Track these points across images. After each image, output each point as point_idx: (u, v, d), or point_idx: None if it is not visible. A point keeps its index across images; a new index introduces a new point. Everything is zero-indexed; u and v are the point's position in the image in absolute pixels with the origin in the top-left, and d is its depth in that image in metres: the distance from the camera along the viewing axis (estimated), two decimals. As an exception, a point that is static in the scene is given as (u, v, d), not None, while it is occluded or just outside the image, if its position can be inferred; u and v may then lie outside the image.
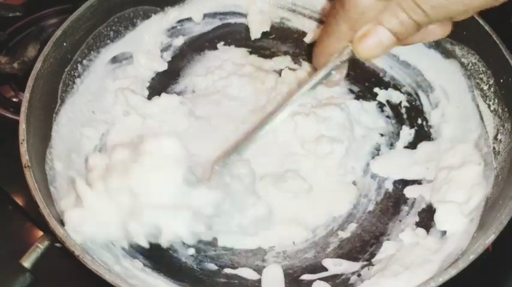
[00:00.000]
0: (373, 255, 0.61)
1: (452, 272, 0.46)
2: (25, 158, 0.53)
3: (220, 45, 0.82)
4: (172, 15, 0.80)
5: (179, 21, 0.81)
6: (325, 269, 0.60)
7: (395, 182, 0.68)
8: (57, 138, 0.63)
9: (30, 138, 0.56)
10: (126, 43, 0.76)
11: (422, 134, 0.71)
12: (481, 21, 0.64)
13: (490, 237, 0.48)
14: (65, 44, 0.66)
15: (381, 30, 0.44)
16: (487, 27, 0.63)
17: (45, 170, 0.58)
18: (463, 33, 0.67)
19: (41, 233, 0.64)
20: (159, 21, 0.79)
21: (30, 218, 0.67)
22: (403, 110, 0.75)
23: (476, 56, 0.66)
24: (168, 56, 0.80)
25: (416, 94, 0.74)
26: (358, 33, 0.45)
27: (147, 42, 0.78)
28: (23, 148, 0.54)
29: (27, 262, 0.48)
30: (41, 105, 0.61)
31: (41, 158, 0.58)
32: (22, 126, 0.55)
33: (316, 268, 0.60)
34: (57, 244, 0.50)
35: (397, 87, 0.76)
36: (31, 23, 0.86)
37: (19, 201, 0.69)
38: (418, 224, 0.62)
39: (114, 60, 0.75)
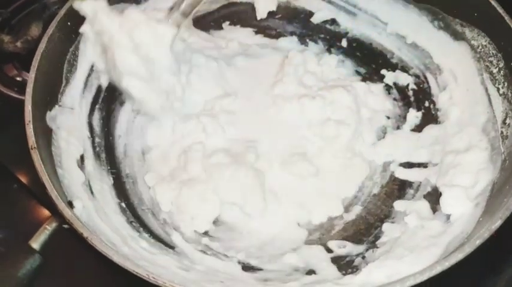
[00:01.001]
0: (377, 238, 0.61)
1: (459, 256, 0.46)
2: (31, 139, 0.53)
3: (225, 25, 0.81)
4: (177, -7, 0.78)
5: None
6: (330, 251, 0.60)
7: (401, 165, 0.67)
8: (63, 119, 0.62)
9: (36, 120, 0.56)
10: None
11: (430, 117, 0.71)
12: (492, 2, 0.62)
13: (497, 222, 0.48)
14: (69, 23, 0.65)
15: None
16: (499, 9, 0.62)
17: (52, 151, 0.58)
18: (474, 15, 0.66)
19: (47, 212, 0.65)
20: (163, -1, 0.78)
21: (36, 197, 0.67)
22: (411, 93, 0.74)
23: (487, 38, 0.64)
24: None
25: (424, 76, 0.74)
26: None
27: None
28: (30, 129, 0.54)
29: (36, 243, 0.49)
30: (46, 85, 0.60)
31: (47, 139, 0.58)
32: (28, 108, 0.55)
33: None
34: (65, 226, 0.50)
35: (404, 69, 0.75)
36: (34, 1, 0.85)
37: (24, 180, 0.69)
38: (423, 208, 0.62)
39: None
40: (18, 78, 0.79)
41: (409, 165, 0.67)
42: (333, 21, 0.80)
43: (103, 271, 0.60)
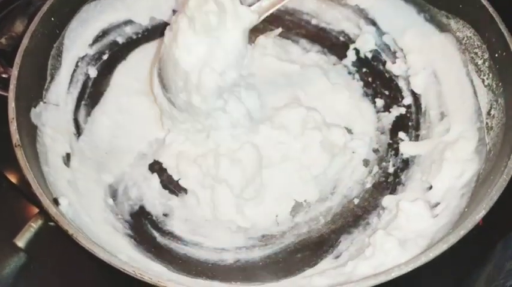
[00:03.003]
0: (365, 229, 0.62)
1: (444, 246, 0.47)
2: (15, 137, 0.53)
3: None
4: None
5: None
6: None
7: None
8: (48, 116, 0.62)
9: (21, 117, 0.55)
10: (117, 15, 0.75)
11: (415, 109, 0.71)
12: (477, -6, 0.62)
13: (481, 213, 0.48)
14: (52, 18, 0.64)
15: None
16: (483, 0, 0.62)
17: (37, 148, 0.57)
18: (459, 6, 0.66)
19: (35, 211, 0.64)
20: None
21: (24, 195, 0.67)
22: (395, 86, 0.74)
23: (472, 29, 0.65)
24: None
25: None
26: None
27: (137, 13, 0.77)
28: (13, 127, 0.53)
29: (21, 241, 0.48)
30: (30, 82, 0.60)
31: (32, 136, 0.58)
32: (11, 105, 0.55)
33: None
34: (51, 223, 0.50)
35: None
36: (18, -3, 0.84)
37: (13, 178, 0.69)
38: (410, 199, 0.62)
39: (104, 33, 0.74)
40: (4, 75, 0.78)
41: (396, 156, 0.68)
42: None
43: (89, 268, 0.59)
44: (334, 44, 0.78)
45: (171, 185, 0.65)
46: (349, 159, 0.67)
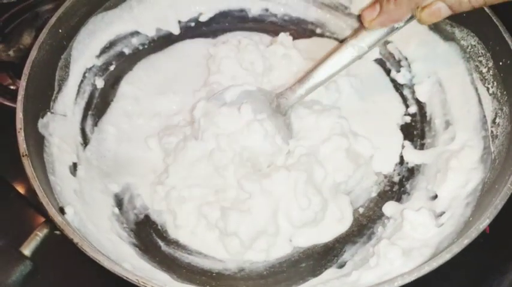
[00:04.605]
0: (370, 239, 0.61)
1: (447, 256, 0.46)
2: (23, 147, 0.53)
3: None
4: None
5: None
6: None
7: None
8: (55, 126, 0.63)
9: (28, 127, 0.56)
10: (123, 26, 0.76)
11: (421, 119, 0.71)
12: (481, 3, 0.62)
13: (485, 222, 0.48)
14: (60, 30, 0.65)
15: (441, 5, 0.54)
16: (487, 9, 0.62)
17: (44, 158, 0.58)
18: (463, 15, 0.65)
19: (42, 220, 0.65)
20: (154, 4, 0.78)
21: (32, 205, 0.67)
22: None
23: (476, 38, 0.65)
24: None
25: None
26: (422, 4, 0.55)
27: (143, 24, 0.78)
28: (21, 137, 0.54)
29: (27, 250, 0.49)
30: (38, 93, 0.61)
31: (39, 146, 0.59)
32: (19, 115, 0.56)
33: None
34: (57, 232, 0.50)
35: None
36: (26, 9, 0.85)
37: (21, 188, 0.70)
38: (415, 208, 0.62)
39: (111, 44, 0.75)
40: (12, 87, 0.79)
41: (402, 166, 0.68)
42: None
43: (95, 277, 0.60)
44: (338, 53, 0.79)
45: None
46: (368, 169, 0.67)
